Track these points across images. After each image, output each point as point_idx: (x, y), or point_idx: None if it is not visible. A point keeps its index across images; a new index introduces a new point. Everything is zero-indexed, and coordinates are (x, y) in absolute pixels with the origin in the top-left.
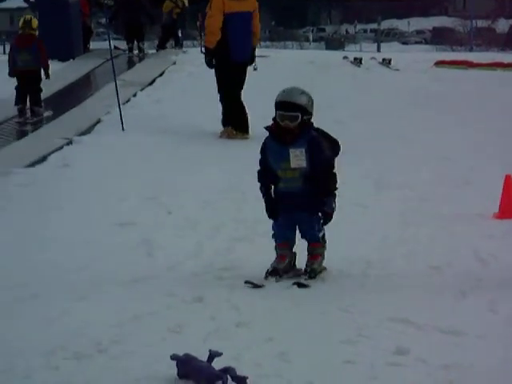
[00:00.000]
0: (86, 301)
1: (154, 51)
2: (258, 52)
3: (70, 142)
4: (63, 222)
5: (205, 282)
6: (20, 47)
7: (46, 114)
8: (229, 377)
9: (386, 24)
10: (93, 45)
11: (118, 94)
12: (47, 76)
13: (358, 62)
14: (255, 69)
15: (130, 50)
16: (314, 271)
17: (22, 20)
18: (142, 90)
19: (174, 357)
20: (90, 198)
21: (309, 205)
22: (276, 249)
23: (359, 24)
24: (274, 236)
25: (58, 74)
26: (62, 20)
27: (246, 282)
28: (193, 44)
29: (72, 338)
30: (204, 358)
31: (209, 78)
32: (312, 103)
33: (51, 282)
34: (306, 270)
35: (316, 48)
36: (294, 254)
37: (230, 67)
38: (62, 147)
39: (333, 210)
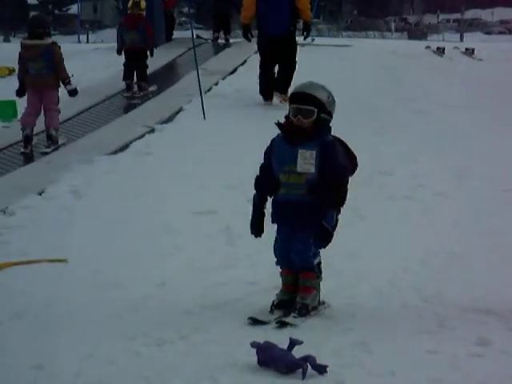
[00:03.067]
0: (166, 288)
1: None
2: (340, 41)
3: (152, 130)
4: (144, 209)
5: None
6: (128, 27)
7: (152, 88)
8: (309, 365)
9: (469, 14)
10: (175, 34)
11: (199, 82)
12: (151, 54)
13: (440, 51)
14: (313, 40)
15: (216, 39)
16: (305, 307)
17: (131, 1)
18: (223, 78)
19: (254, 344)
20: (171, 185)
21: (309, 219)
22: (281, 275)
23: (442, 14)
24: (277, 262)
25: None
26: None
27: (250, 319)
28: None
29: (153, 325)
30: (284, 346)
31: None
32: (333, 102)
33: (132, 269)
34: (295, 305)
35: (398, 38)
36: None
37: (261, 39)
38: (144, 135)
39: (333, 227)
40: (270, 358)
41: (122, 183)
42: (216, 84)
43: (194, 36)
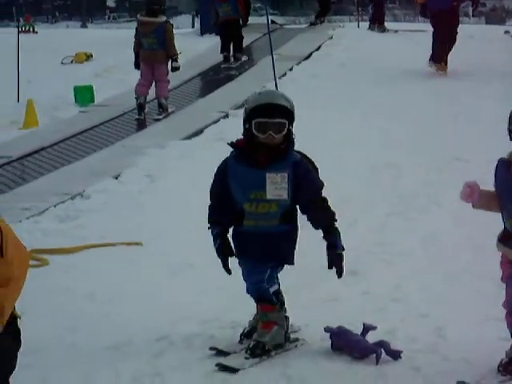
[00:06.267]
0: (238, 271)
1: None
2: (416, 26)
3: (226, 116)
4: None
5: (359, 257)
6: (221, 1)
7: (244, 58)
8: (383, 351)
9: None
10: (250, 20)
11: (274, 68)
12: (244, 24)
13: None
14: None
15: (319, 22)
16: (259, 346)
17: None
18: (298, 64)
19: (327, 329)
20: None
21: (282, 253)
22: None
23: None
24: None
25: (216, 48)
26: None
27: (211, 349)
28: (349, 19)
29: (227, 308)
30: (358, 331)
31: (366, 51)
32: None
33: (205, 253)
34: (249, 344)
35: (475, 23)
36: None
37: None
38: (218, 120)
39: (343, 248)
40: (344, 343)
41: (195, 168)
42: (290, 69)
43: (269, 22)
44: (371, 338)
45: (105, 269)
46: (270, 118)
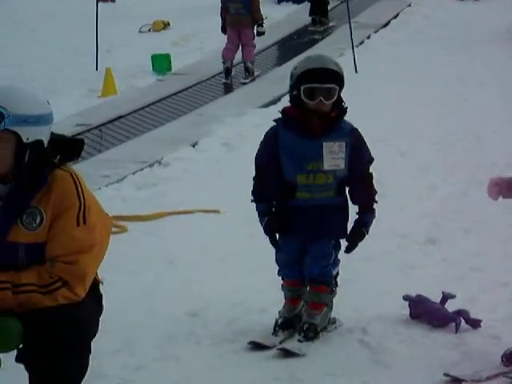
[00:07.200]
0: None
1: None
2: None
3: None
4: None
5: (438, 224)
6: None
7: (331, 24)
8: (462, 319)
9: None
10: None
11: (351, 35)
12: None
13: None
14: None
15: None
16: (313, 329)
17: None
18: (375, 32)
19: (406, 297)
20: None
21: (338, 225)
22: (283, 289)
23: None
24: (280, 272)
25: (292, 17)
26: None
27: (250, 343)
28: None
29: None
30: (437, 299)
31: (445, 19)
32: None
33: None
34: (302, 326)
35: None
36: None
37: None
38: None
39: (368, 232)
40: (422, 311)
41: None
42: (368, 37)
43: None
44: (450, 306)
45: (183, 236)
46: (320, 83)
